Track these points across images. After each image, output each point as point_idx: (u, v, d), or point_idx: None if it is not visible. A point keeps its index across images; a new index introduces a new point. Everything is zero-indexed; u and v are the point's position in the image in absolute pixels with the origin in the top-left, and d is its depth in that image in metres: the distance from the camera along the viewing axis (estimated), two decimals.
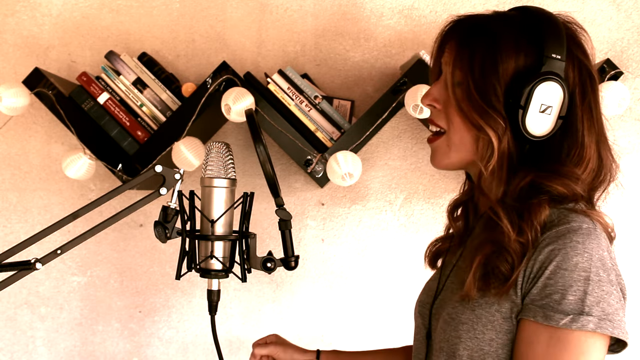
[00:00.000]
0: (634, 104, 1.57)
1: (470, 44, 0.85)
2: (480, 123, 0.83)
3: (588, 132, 0.84)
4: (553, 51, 0.81)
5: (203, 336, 1.62)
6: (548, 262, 0.75)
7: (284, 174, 1.60)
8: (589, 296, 0.73)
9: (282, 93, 1.42)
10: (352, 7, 1.58)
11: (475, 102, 0.83)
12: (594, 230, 0.78)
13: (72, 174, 1.38)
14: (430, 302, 0.95)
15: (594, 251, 0.75)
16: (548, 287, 0.75)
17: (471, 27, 0.88)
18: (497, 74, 0.82)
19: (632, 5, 1.57)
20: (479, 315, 0.81)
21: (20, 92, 1.36)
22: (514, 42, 0.83)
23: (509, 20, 0.86)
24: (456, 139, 0.88)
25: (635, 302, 1.52)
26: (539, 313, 0.74)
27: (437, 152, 0.92)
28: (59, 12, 1.59)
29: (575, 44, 0.85)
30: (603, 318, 0.73)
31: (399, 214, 1.60)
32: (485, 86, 0.83)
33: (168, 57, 1.59)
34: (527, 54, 0.82)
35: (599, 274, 0.74)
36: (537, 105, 0.81)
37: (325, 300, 1.61)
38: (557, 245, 0.76)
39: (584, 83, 0.84)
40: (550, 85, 0.81)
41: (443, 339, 0.86)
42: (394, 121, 1.59)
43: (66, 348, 1.62)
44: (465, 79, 0.84)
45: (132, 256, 1.61)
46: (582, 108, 0.84)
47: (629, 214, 1.57)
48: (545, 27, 0.83)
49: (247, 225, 1.00)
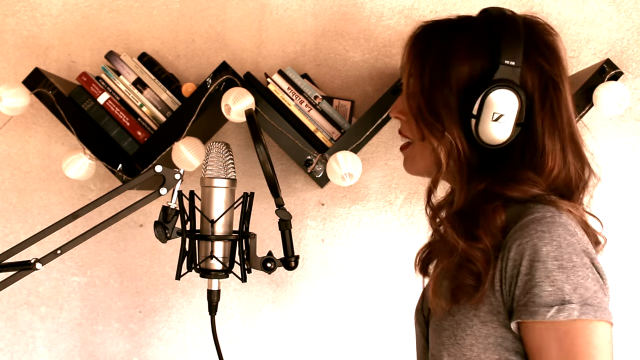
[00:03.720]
0: (634, 104, 1.57)
1: (423, 54, 0.84)
2: (425, 134, 0.83)
3: (550, 137, 0.81)
4: (507, 57, 0.79)
5: (203, 336, 1.62)
6: (520, 258, 0.74)
7: (284, 174, 1.60)
8: (565, 284, 0.72)
9: (282, 93, 1.42)
10: (352, 7, 1.58)
11: (423, 114, 0.83)
12: (559, 217, 0.76)
13: (72, 174, 1.38)
14: (423, 309, 0.95)
15: (562, 238, 0.74)
16: (527, 284, 0.73)
17: (428, 35, 0.86)
18: (449, 82, 0.81)
19: (632, 5, 1.57)
20: (458, 321, 0.80)
21: (20, 92, 1.36)
22: (469, 48, 0.81)
23: (469, 24, 0.85)
24: (419, 148, 0.89)
25: (636, 302, 1.52)
26: (523, 311, 0.73)
27: (406, 160, 0.95)
28: (59, 12, 1.59)
29: (535, 49, 0.82)
30: (583, 303, 0.72)
31: (399, 214, 1.60)
32: (433, 97, 0.82)
33: (168, 57, 1.59)
34: (483, 60, 0.80)
35: (571, 259, 0.73)
36: (489, 113, 0.79)
37: (325, 301, 1.61)
38: (524, 238, 0.75)
39: (544, 88, 0.82)
40: (502, 93, 0.78)
41: (432, 346, 0.86)
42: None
43: (66, 348, 1.62)
44: (417, 89, 0.84)
45: (132, 256, 1.61)
46: (542, 113, 0.82)
47: (629, 214, 1.57)
48: (502, 31, 0.80)
49: (247, 225, 1.01)
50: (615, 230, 1.53)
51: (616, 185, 1.55)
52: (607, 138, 1.56)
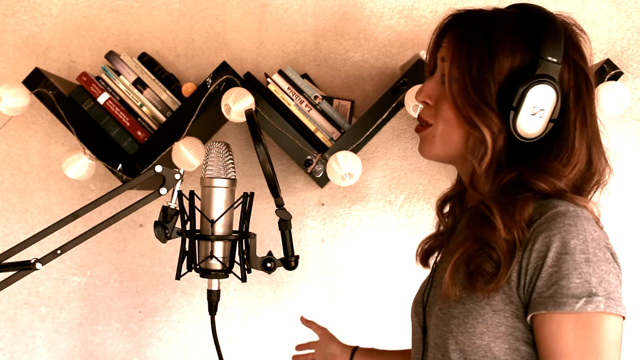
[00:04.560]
0: (634, 104, 1.57)
1: (468, 40, 0.85)
2: (475, 120, 0.83)
3: (580, 135, 0.83)
4: (549, 53, 0.81)
5: (203, 336, 1.62)
6: (546, 249, 0.75)
7: (284, 174, 1.60)
8: (592, 277, 0.73)
9: (282, 93, 1.42)
10: (352, 7, 1.58)
11: (470, 99, 0.83)
12: (582, 212, 0.78)
13: (72, 174, 1.38)
14: (422, 301, 0.95)
15: (587, 232, 0.75)
16: (553, 275, 0.74)
17: (470, 23, 0.87)
18: (493, 72, 0.82)
19: (632, 5, 1.57)
20: (469, 309, 0.80)
21: (20, 92, 1.36)
22: (511, 41, 0.82)
23: (508, 18, 0.86)
24: (444, 131, 0.88)
25: (636, 302, 1.52)
26: (550, 302, 0.74)
27: (423, 142, 0.92)
28: (59, 12, 1.59)
29: (573, 47, 0.84)
30: (607, 297, 0.73)
31: (399, 214, 1.60)
32: (481, 83, 0.82)
33: (168, 57, 1.59)
34: (523, 54, 0.82)
35: (596, 254, 0.75)
36: (529, 107, 0.80)
37: (325, 300, 1.61)
38: (551, 231, 0.76)
39: (579, 86, 0.84)
40: (543, 88, 0.80)
41: (437, 335, 0.86)
42: (394, 121, 1.59)
43: (66, 348, 1.62)
44: (462, 75, 0.84)
45: (132, 256, 1.61)
46: (576, 111, 0.84)
47: (629, 213, 1.57)
48: (543, 28, 0.82)
49: (247, 225, 1.00)
50: (615, 231, 1.53)
51: (616, 185, 1.55)
52: (607, 138, 1.56)
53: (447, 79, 0.86)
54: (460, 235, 0.89)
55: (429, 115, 0.91)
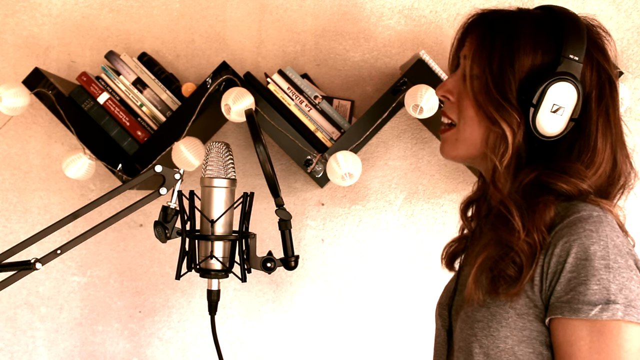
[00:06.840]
0: (634, 104, 1.57)
1: (491, 38, 0.85)
2: (495, 116, 0.82)
3: (602, 136, 0.83)
4: (571, 52, 0.80)
5: (203, 336, 1.62)
6: (565, 255, 0.74)
7: (284, 174, 1.60)
8: (612, 284, 0.72)
9: (282, 93, 1.42)
10: (352, 7, 1.58)
11: (491, 95, 0.83)
12: (605, 217, 0.77)
13: (72, 174, 1.38)
14: (448, 303, 0.95)
15: (609, 238, 0.75)
16: (572, 281, 0.73)
17: (492, 21, 0.87)
18: (514, 69, 0.82)
19: (632, 5, 1.57)
20: (493, 312, 0.80)
21: (20, 92, 1.36)
22: (533, 39, 0.82)
23: (531, 17, 0.86)
24: (466, 132, 0.88)
25: None
26: (566, 308, 0.73)
27: (445, 143, 0.92)
28: (59, 12, 1.59)
29: (596, 47, 0.84)
30: (628, 305, 0.72)
31: (399, 214, 1.60)
32: (502, 80, 0.82)
33: (168, 57, 1.59)
34: (545, 52, 0.82)
35: (617, 260, 0.74)
36: (549, 104, 0.80)
37: (325, 301, 1.61)
38: (571, 236, 0.75)
39: (601, 86, 0.83)
40: (564, 86, 0.80)
41: (461, 338, 0.85)
42: (394, 121, 1.59)
43: (66, 348, 1.62)
44: (483, 72, 0.84)
45: (132, 256, 1.61)
46: (598, 111, 0.83)
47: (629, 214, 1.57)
48: (566, 26, 0.82)
49: (247, 225, 1.00)
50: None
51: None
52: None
53: (469, 76, 0.86)
54: (484, 239, 0.88)
55: (452, 110, 0.91)
